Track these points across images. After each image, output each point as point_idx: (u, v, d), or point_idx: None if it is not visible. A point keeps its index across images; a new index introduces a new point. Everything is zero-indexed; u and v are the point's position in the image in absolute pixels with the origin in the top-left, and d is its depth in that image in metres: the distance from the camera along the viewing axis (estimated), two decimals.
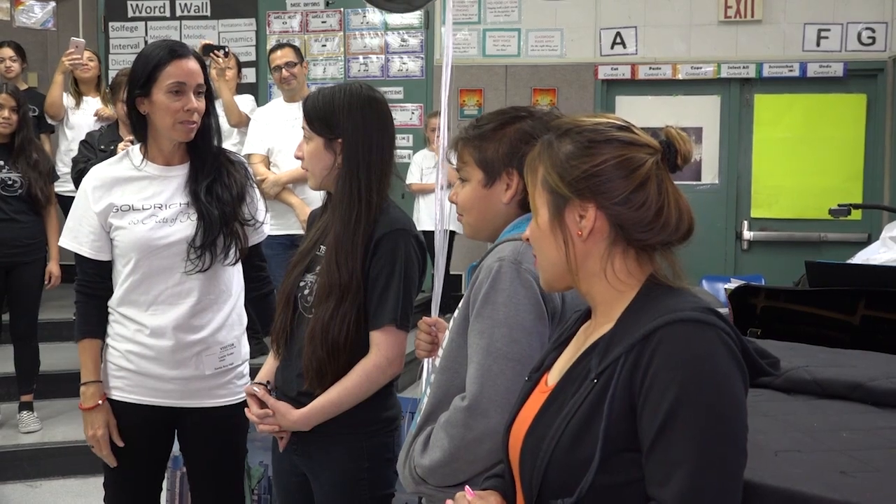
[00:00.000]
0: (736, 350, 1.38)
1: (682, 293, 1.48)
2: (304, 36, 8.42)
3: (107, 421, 2.73)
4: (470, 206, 2.09)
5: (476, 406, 1.82)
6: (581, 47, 7.97)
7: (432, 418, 1.97)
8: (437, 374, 2.03)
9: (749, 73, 7.69)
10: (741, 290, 2.71)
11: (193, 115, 2.65)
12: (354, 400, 2.41)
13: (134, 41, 8.64)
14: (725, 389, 1.34)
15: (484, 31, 8.13)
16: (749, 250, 7.85)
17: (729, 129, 7.86)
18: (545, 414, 1.51)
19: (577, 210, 1.50)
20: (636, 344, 1.39)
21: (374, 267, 2.41)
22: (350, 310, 2.39)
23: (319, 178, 2.49)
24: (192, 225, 2.69)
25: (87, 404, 2.74)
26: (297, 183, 5.35)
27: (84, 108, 6.40)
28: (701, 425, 1.31)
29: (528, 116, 2.05)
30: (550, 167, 1.53)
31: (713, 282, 5.60)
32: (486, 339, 1.85)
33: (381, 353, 2.41)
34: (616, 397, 1.38)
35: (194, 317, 2.73)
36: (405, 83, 8.26)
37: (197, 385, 2.77)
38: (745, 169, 7.84)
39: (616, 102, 8.01)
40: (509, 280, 1.86)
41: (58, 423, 5.32)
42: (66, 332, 6.26)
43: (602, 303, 1.54)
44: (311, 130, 2.47)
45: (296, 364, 2.48)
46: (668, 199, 1.48)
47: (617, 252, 1.51)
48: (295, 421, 2.43)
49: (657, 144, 1.51)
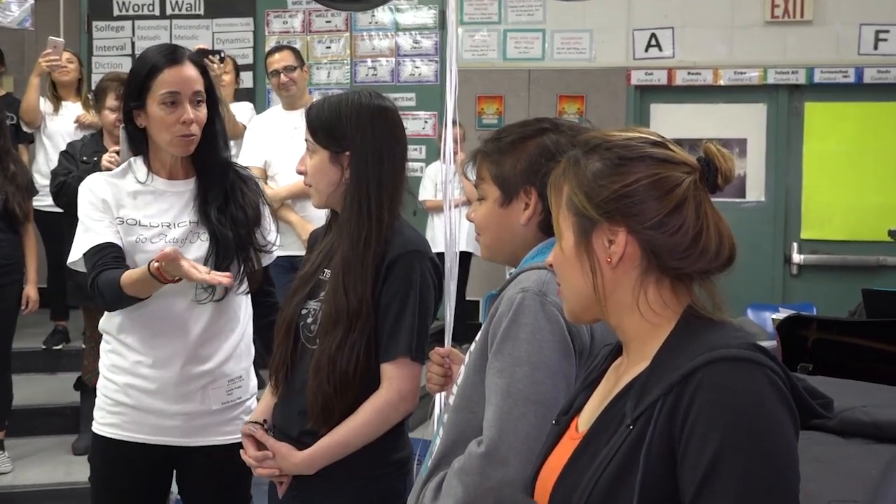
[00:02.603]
0: (785, 390, 1.37)
1: (725, 327, 1.47)
2: (306, 37, 8.49)
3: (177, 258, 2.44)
4: (486, 225, 2.09)
5: (494, 453, 1.80)
6: (612, 50, 8.00)
7: (444, 462, 1.96)
8: (451, 413, 2.02)
9: (799, 78, 7.71)
10: (790, 320, 2.71)
11: (191, 126, 2.65)
12: (363, 440, 2.40)
13: (120, 42, 8.72)
14: (774, 435, 1.33)
15: (505, 31, 8.17)
16: (799, 275, 7.84)
17: (776, 141, 7.86)
18: (576, 463, 1.49)
19: (606, 234, 1.50)
20: (674, 386, 1.38)
21: (387, 292, 2.41)
22: (359, 340, 2.38)
23: (324, 195, 2.49)
24: (203, 247, 2.69)
25: (163, 271, 2.46)
26: (296, 199, 5.37)
27: (63, 114, 6.43)
28: (748, 476, 1.30)
29: (552, 129, 2.04)
30: (577, 186, 1.53)
31: (760, 311, 5.61)
32: (506, 379, 1.84)
33: (393, 387, 2.40)
34: (653, 445, 1.37)
35: (202, 346, 2.73)
36: (418, 89, 8.31)
37: (202, 421, 2.77)
38: (795, 185, 7.84)
39: (651, 111, 8.04)
40: (533, 314, 1.85)
41: (31, 464, 5.28)
42: (42, 362, 6.28)
43: (635, 338, 1.53)
44: (316, 143, 2.47)
45: (297, 400, 2.47)
46: (707, 223, 1.48)
47: (650, 281, 1.50)
48: (297, 464, 2.42)
49: (695, 162, 1.51)
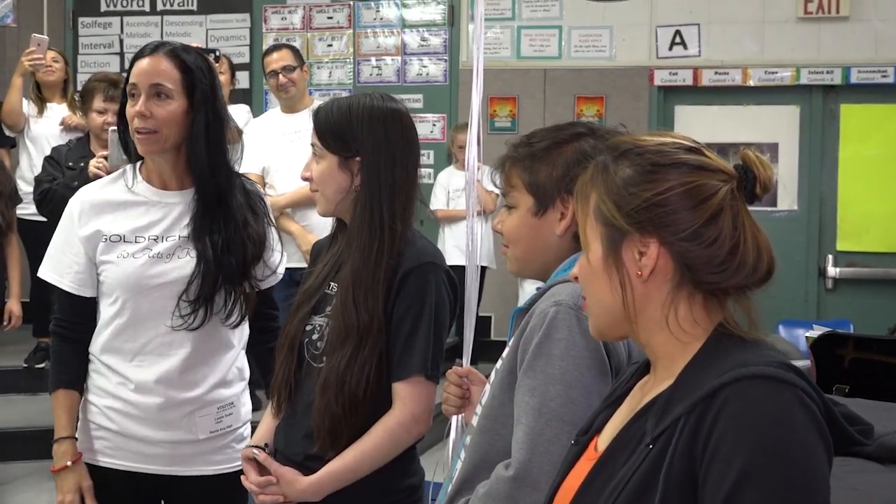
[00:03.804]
0: (818, 414, 1.37)
1: (758, 345, 1.47)
2: (306, 34, 8.52)
3: (79, 484, 2.70)
4: (517, 236, 2.10)
5: (524, 476, 1.81)
6: (634, 48, 8.02)
7: (467, 487, 1.96)
8: (474, 434, 2.02)
9: (834, 79, 7.70)
10: (826, 338, 2.71)
11: (140, 120, 2.59)
12: (374, 465, 2.40)
13: (107, 40, 8.76)
14: (803, 461, 1.31)
15: (518, 28, 8.18)
16: (834, 290, 7.83)
17: (810, 146, 7.86)
18: (592, 484, 1.51)
19: (637, 246, 1.50)
20: (698, 403, 1.38)
21: (399, 307, 2.41)
22: (370, 357, 2.38)
23: (332, 202, 2.49)
24: (190, 263, 2.67)
25: (59, 464, 2.71)
26: (297, 207, 5.38)
27: (48, 117, 6.46)
28: (772, 502, 1.29)
29: (588, 134, 2.06)
30: (605, 194, 1.53)
31: (792, 328, 5.59)
32: (538, 398, 1.85)
33: (406, 408, 2.40)
34: (674, 466, 1.37)
35: (186, 371, 2.71)
36: (426, 90, 8.35)
37: (188, 450, 2.75)
38: (830, 193, 7.84)
39: (675, 113, 8.05)
40: (567, 328, 1.86)
41: (13, 490, 5.31)
42: (22, 382, 6.29)
43: (663, 356, 1.54)
44: (324, 147, 2.47)
45: (302, 422, 2.47)
46: (744, 235, 1.48)
47: (682, 297, 1.50)
48: (304, 490, 2.41)
49: (732, 170, 1.51)
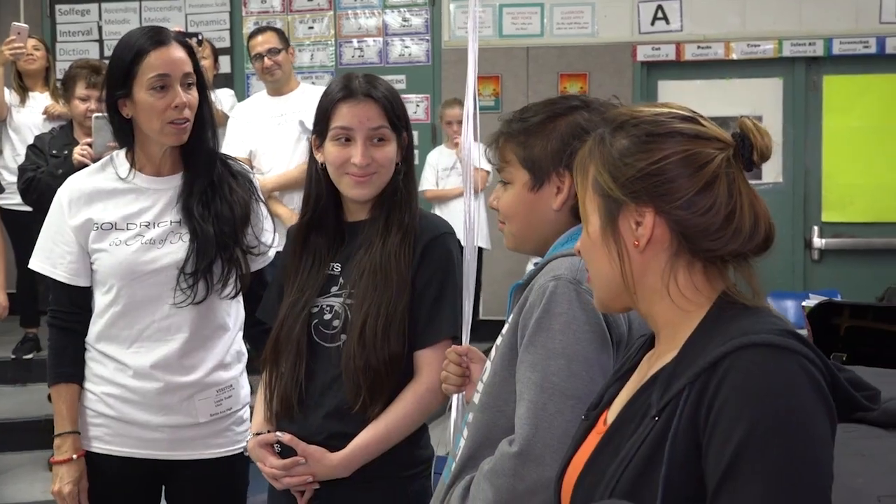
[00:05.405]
0: (821, 381, 1.37)
1: (761, 313, 1.47)
2: (286, 16, 8.47)
3: (78, 478, 2.72)
4: (514, 212, 2.09)
5: (528, 452, 1.81)
6: (616, 24, 8.00)
7: (471, 465, 1.96)
8: (476, 412, 2.02)
9: (816, 50, 7.70)
10: (822, 307, 2.72)
11: (184, 111, 2.63)
12: (404, 433, 2.42)
13: (86, 27, 8.70)
14: (805, 429, 1.32)
15: (500, 6, 8.15)
16: (820, 261, 7.85)
17: (793, 118, 7.87)
18: (599, 458, 1.51)
19: (633, 216, 1.51)
20: (701, 373, 1.38)
21: (422, 275, 2.45)
22: (403, 322, 2.41)
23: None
24: (183, 247, 2.68)
25: (60, 457, 2.73)
26: (284, 190, 5.36)
27: (31, 106, 6.43)
28: (773, 471, 1.29)
29: (582, 107, 2.05)
30: (602, 166, 1.54)
31: (781, 299, 5.60)
32: (539, 373, 1.84)
33: (434, 373, 2.40)
34: (678, 438, 1.38)
35: (185, 356, 2.72)
36: (408, 70, 8.31)
37: (189, 434, 2.76)
38: (814, 165, 7.85)
39: (658, 88, 8.04)
40: (567, 302, 1.85)
41: (7, 480, 5.30)
42: (11, 373, 6.28)
43: (665, 325, 1.54)
44: (392, 130, 2.49)
45: (321, 404, 2.45)
46: (740, 202, 1.48)
47: (680, 265, 1.51)
48: (335, 466, 2.40)
49: (729, 138, 1.52)
